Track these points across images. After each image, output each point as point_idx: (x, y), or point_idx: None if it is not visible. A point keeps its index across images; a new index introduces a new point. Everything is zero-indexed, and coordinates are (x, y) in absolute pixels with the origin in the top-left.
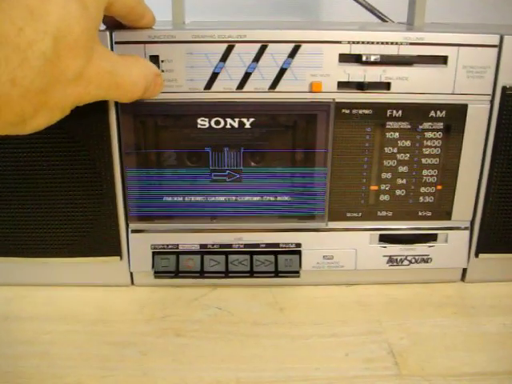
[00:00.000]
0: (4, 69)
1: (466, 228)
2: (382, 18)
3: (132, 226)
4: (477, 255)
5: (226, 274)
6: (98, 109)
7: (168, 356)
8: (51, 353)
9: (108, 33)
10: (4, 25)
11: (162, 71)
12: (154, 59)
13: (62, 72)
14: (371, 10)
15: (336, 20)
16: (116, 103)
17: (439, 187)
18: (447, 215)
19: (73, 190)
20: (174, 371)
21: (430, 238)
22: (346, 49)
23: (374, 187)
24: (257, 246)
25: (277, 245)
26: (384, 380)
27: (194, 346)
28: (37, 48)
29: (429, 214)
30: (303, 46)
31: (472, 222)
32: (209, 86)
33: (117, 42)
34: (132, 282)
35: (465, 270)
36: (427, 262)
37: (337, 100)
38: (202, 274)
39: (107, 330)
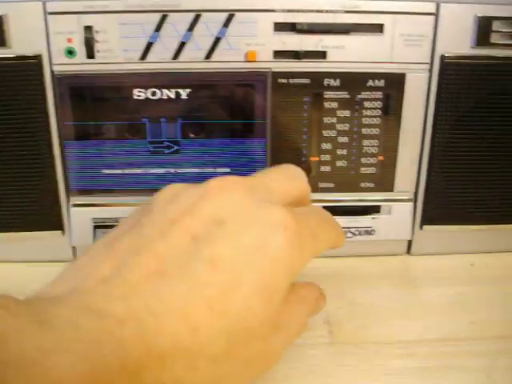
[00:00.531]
0: (162, 372)
1: (409, 200)
2: None
3: (73, 199)
4: (421, 227)
5: None
6: (33, 80)
7: None
8: None
9: (41, 3)
10: (180, 326)
11: (97, 41)
12: (88, 29)
13: (227, 375)
14: None
15: None
16: (52, 75)
17: (381, 158)
18: (390, 187)
19: (11, 164)
20: None
21: (373, 209)
22: (280, 17)
23: (314, 158)
24: None
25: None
26: (315, 348)
27: None
28: (207, 351)
29: (371, 185)
30: (237, 14)
31: (415, 194)
32: (144, 56)
33: (50, 13)
34: (74, 257)
35: (410, 243)
36: (371, 234)
37: (273, 69)
38: None
39: None
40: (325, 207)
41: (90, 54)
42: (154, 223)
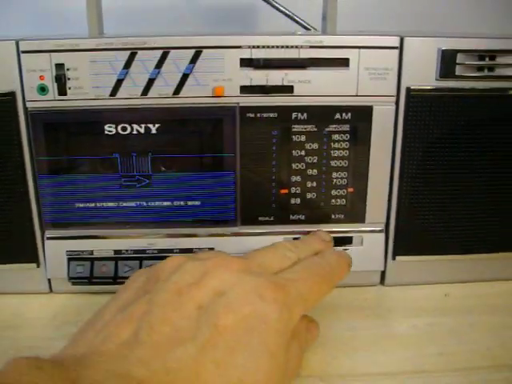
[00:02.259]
0: None
1: (380, 231)
2: (308, 28)
3: (47, 232)
4: (394, 258)
5: None
6: (7, 116)
7: None
8: None
9: (14, 42)
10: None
11: (68, 79)
12: (60, 67)
13: None
14: (296, 20)
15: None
16: (25, 110)
17: (350, 190)
18: (361, 218)
19: None
20: None
21: (345, 241)
22: (246, 53)
23: (284, 191)
24: (171, 251)
25: (190, 250)
26: None
27: None
28: None
29: (342, 217)
30: (204, 51)
31: (387, 225)
32: (114, 92)
33: (23, 51)
34: (51, 290)
35: (384, 273)
36: None
37: (241, 104)
38: (115, 279)
39: (16, 336)
40: (296, 239)
41: (62, 91)
42: (163, 291)
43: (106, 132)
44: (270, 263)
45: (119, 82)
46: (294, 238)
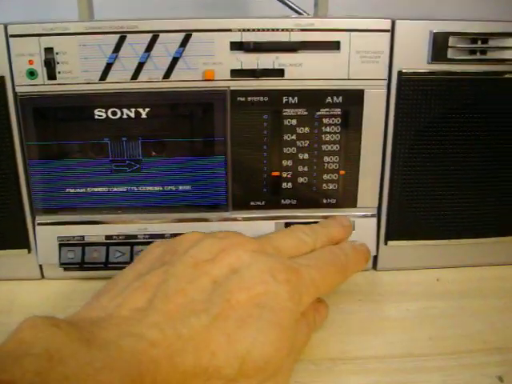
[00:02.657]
0: None
1: (372, 215)
2: (300, 13)
3: (38, 218)
4: (386, 242)
5: None
6: None
7: None
8: None
9: (3, 26)
10: (201, 350)
11: (57, 63)
12: (49, 51)
13: None
14: (288, 5)
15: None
16: (15, 95)
17: (342, 174)
18: (352, 203)
19: None
20: None
21: None
22: (236, 36)
23: (275, 175)
24: (162, 236)
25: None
26: None
27: None
28: (223, 372)
29: (333, 201)
30: (194, 34)
31: (379, 209)
32: (103, 76)
33: (11, 35)
34: (42, 276)
35: (376, 258)
36: None
37: (231, 88)
38: (106, 265)
39: (7, 321)
40: (288, 224)
41: (51, 75)
42: (180, 263)
43: (96, 117)
44: (285, 246)
45: (109, 66)
46: (286, 224)
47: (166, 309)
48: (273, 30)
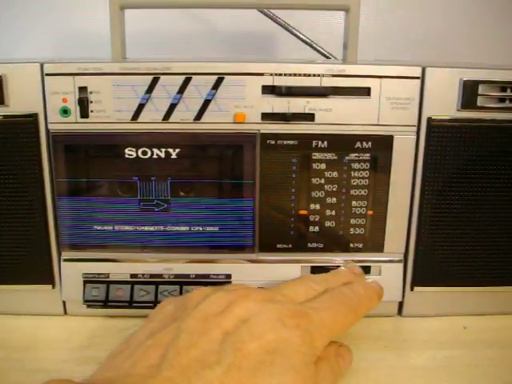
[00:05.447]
0: None
1: (399, 261)
2: (327, 56)
3: (64, 254)
4: (412, 288)
5: (155, 304)
6: (29, 137)
7: None
8: None
9: (39, 64)
10: None
11: (91, 102)
12: (83, 90)
13: None
14: (315, 48)
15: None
16: (47, 133)
17: (370, 219)
18: (379, 248)
19: (5, 218)
20: None
21: (363, 270)
22: (268, 80)
23: (302, 218)
24: (187, 276)
25: (207, 276)
26: None
27: None
28: None
29: (360, 246)
30: (226, 77)
31: (406, 255)
32: (135, 116)
33: (47, 74)
34: (65, 312)
35: (401, 304)
36: None
37: (262, 131)
38: (131, 303)
39: (28, 358)
40: (314, 267)
41: (84, 114)
42: (191, 318)
43: (127, 155)
44: (295, 293)
45: (141, 107)
46: (312, 267)
47: (180, 363)
48: (304, 74)
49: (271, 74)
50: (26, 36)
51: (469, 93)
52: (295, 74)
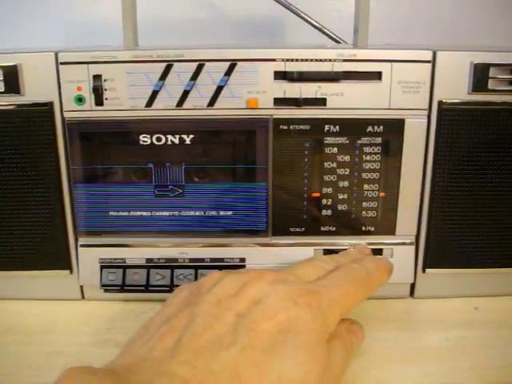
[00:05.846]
0: None
1: (411, 243)
2: (337, 41)
3: (81, 240)
4: (424, 270)
5: (171, 288)
6: (45, 126)
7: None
8: None
9: (53, 54)
10: (233, 382)
11: (105, 90)
12: (97, 78)
13: None
14: (325, 32)
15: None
16: (62, 121)
17: (382, 202)
18: (391, 230)
19: (23, 205)
20: None
21: (376, 253)
22: (280, 66)
23: (315, 202)
24: (202, 260)
25: (221, 259)
26: None
27: None
28: None
29: (372, 228)
30: (239, 64)
31: (417, 237)
32: (149, 103)
33: (62, 63)
34: (83, 296)
35: (413, 286)
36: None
37: (274, 116)
38: (147, 287)
39: (47, 341)
40: (327, 250)
41: (99, 102)
42: (205, 302)
43: (141, 142)
44: (306, 274)
45: (155, 94)
46: (325, 250)
47: (195, 345)
48: (316, 60)
49: (283, 60)
50: (38, 24)
51: (479, 76)
52: (306, 60)
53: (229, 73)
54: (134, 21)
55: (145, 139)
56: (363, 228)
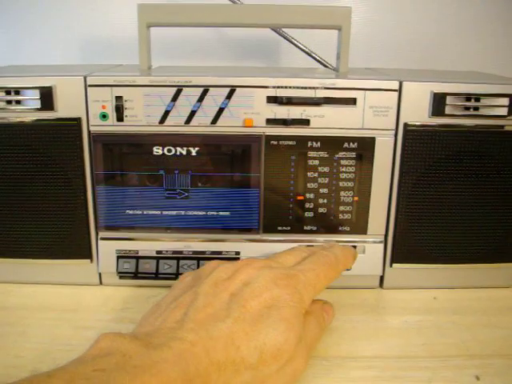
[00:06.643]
0: (220, 376)
1: (380, 241)
2: (325, 65)
3: (101, 234)
4: (391, 265)
5: (177, 275)
6: (74, 138)
7: None
8: (28, 332)
9: (83, 77)
10: (228, 345)
11: (125, 108)
12: (119, 99)
13: (265, 374)
14: (314, 57)
15: (289, 66)
16: (88, 134)
17: (355, 206)
18: (364, 230)
19: (52, 204)
20: None
21: None
22: (272, 92)
23: (299, 205)
24: (203, 253)
25: (219, 252)
26: None
27: None
28: (247, 361)
29: (347, 228)
30: (237, 89)
31: (386, 236)
32: (162, 121)
33: (89, 85)
34: (101, 282)
35: (382, 278)
36: (348, 269)
37: (266, 133)
38: (156, 275)
39: (74, 318)
40: (309, 246)
41: (120, 118)
42: (205, 284)
43: (154, 153)
44: (286, 260)
45: (167, 113)
46: (307, 246)
47: (198, 318)
48: (302, 87)
49: (274, 87)
50: (51, 38)
51: (438, 103)
52: (294, 87)
53: (229, 97)
54: (148, 46)
55: (157, 150)
56: (340, 228)
